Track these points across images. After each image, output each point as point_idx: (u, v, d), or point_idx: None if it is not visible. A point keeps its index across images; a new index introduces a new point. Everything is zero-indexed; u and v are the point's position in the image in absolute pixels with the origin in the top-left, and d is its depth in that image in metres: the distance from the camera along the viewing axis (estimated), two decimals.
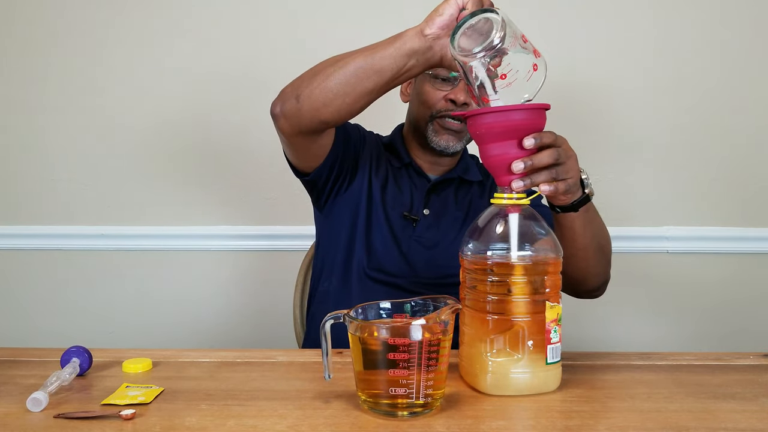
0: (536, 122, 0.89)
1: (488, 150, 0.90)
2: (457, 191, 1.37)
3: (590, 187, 1.00)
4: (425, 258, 1.29)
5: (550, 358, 0.85)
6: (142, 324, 1.90)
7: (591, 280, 1.13)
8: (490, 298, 0.85)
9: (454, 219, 1.32)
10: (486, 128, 0.88)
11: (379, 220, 1.30)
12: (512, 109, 0.88)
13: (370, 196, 1.31)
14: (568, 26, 1.81)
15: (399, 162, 1.36)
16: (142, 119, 1.87)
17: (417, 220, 1.30)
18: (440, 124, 1.29)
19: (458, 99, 1.26)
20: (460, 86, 1.27)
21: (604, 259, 1.13)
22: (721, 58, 1.81)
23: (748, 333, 1.84)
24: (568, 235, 1.03)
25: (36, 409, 0.82)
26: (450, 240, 1.30)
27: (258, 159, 1.86)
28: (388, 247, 1.29)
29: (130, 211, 1.89)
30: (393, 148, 1.38)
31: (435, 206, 1.33)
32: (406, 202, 1.32)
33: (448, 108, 1.27)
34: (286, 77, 1.13)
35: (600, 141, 1.82)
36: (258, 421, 0.79)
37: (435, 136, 1.30)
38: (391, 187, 1.33)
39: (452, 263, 1.27)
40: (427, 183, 1.35)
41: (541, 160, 0.89)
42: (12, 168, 1.89)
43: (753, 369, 0.98)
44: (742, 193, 1.83)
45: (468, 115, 0.90)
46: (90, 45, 1.85)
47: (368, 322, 0.83)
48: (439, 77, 1.27)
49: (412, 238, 1.30)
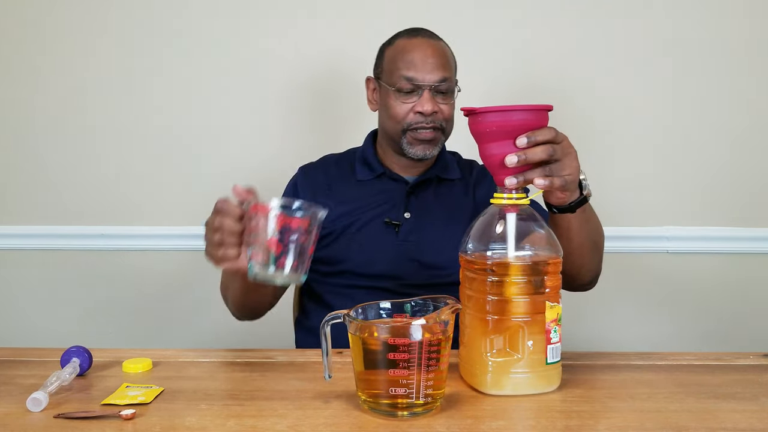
0: (537, 123, 0.89)
1: (487, 149, 0.90)
2: (437, 190, 1.36)
3: (588, 189, 1.00)
4: (412, 261, 1.29)
5: (550, 358, 0.85)
6: (142, 324, 1.90)
7: (585, 275, 1.14)
8: (490, 298, 0.85)
9: (436, 219, 1.32)
10: (485, 127, 0.88)
11: (361, 232, 1.31)
12: (513, 110, 0.88)
13: (345, 215, 1.32)
14: (568, 26, 1.81)
15: (372, 174, 1.37)
16: (142, 119, 1.87)
17: (399, 224, 1.30)
18: (413, 137, 1.29)
19: (426, 110, 1.26)
20: (425, 96, 1.26)
21: (598, 255, 1.14)
22: (722, 58, 1.80)
23: (748, 333, 1.84)
24: (564, 235, 1.03)
25: (36, 409, 0.82)
26: (435, 241, 1.30)
27: (259, 159, 1.86)
28: (374, 255, 1.29)
29: (130, 211, 1.89)
30: (365, 161, 1.39)
31: (416, 209, 1.33)
32: (386, 209, 1.33)
33: (418, 120, 1.27)
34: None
35: (600, 141, 1.82)
36: (258, 421, 0.79)
37: (411, 148, 1.30)
38: (366, 198, 1.34)
39: (439, 264, 1.28)
40: (405, 186, 1.35)
41: (534, 155, 0.88)
42: (12, 168, 1.89)
43: (753, 369, 0.98)
44: (742, 193, 1.83)
45: (468, 114, 0.90)
46: (89, 45, 1.85)
47: (368, 322, 0.83)
48: (403, 90, 1.27)
49: (396, 243, 1.30)
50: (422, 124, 1.27)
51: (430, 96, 1.26)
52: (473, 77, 1.46)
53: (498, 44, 1.83)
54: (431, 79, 1.26)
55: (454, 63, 1.33)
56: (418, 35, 1.31)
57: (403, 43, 1.30)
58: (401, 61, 1.28)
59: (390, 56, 1.31)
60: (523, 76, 1.82)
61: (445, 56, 1.30)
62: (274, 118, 1.86)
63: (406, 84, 1.27)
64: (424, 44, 1.29)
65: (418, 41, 1.29)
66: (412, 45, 1.29)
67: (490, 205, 0.90)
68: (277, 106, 1.86)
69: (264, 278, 0.89)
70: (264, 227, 0.88)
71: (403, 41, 1.31)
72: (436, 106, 1.27)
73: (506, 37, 1.82)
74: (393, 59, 1.30)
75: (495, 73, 1.82)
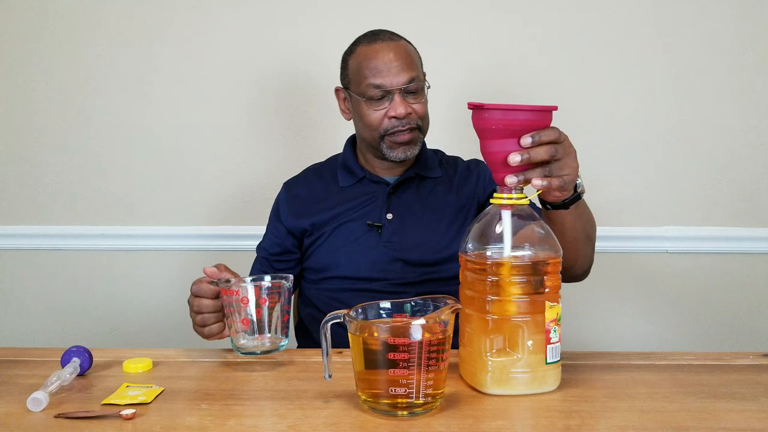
0: (542, 124, 0.89)
1: (489, 146, 0.90)
2: (419, 189, 1.36)
3: (582, 186, 1.01)
4: (397, 261, 1.30)
5: (550, 357, 0.86)
6: (142, 324, 1.90)
7: (578, 267, 1.15)
8: (490, 298, 0.85)
9: (419, 218, 1.33)
10: (491, 124, 0.88)
11: (345, 237, 1.32)
12: (519, 109, 0.88)
13: (329, 222, 1.33)
14: (569, 26, 1.81)
15: (354, 178, 1.37)
16: (141, 119, 1.87)
17: (381, 226, 1.31)
18: (392, 140, 1.29)
19: (399, 114, 1.26)
20: (396, 100, 1.26)
21: (590, 247, 1.14)
22: (722, 58, 1.80)
23: (748, 333, 1.84)
24: (557, 230, 1.03)
25: (36, 409, 0.82)
26: (419, 239, 1.31)
27: (260, 159, 1.86)
28: (359, 259, 1.30)
29: (131, 211, 1.89)
30: (346, 167, 1.39)
31: (398, 209, 1.33)
32: (368, 212, 1.33)
33: (394, 125, 1.28)
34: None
35: (600, 141, 1.82)
36: (258, 421, 0.79)
37: (391, 152, 1.30)
38: (349, 202, 1.34)
39: (425, 261, 1.29)
40: (386, 187, 1.35)
41: (537, 155, 0.88)
42: (12, 168, 1.89)
43: (753, 369, 0.98)
44: (742, 193, 1.83)
45: (474, 108, 0.90)
46: (89, 44, 1.85)
47: (368, 322, 0.83)
48: (373, 98, 1.27)
49: (380, 244, 1.30)
50: (398, 127, 1.28)
51: (401, 99, 1.26)
52: (473, 76, 1.46)
53: (500, 43, 1.83)
54: (399, 82, 1.26)
55: (419, 59, 1.33)
56: (377, 39, 1.29)
57: (365, 50, 1.29)
58: (366, 70, 1.27)
59: (354, 66, 1.31)
60: (524, 76, 1.82)
61: (409, 56, 1.29)
62: (275, 117, 1.86)
63: (375, 92, 1.26)
64: (386, 48, 1.28)
65: (379, 46, 1.28)
66: (374, 51, 1.28)
67: (490, 205, 0.90)
68: (278, 106, 1.86)
69: (246, 351, 0.99)
70: (237, 306, 0.98)
71: (364, 48, 1.30)
72: (409, 107, 1.27)
73: (505, 38, 1.82)
74: (358, 68, 1.29)
75: (494, 71, 1.83)
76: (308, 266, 1.37)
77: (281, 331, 1.00)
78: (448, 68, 1.79)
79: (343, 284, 1.31)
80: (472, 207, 1.36)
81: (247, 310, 0.98)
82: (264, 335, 0.99)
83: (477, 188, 1.37)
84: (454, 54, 1.81)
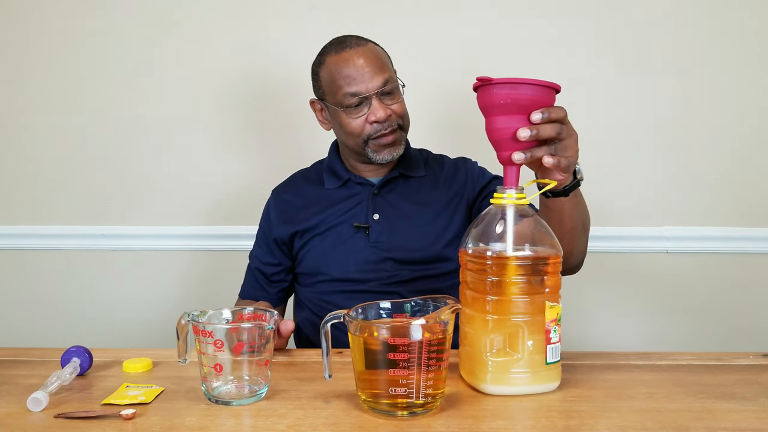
0: (546, 101, 0.89)
1: (494, 122, 0.90)
2: (405, 188, 1.37)
3: (581, 173, 1.00)
4: (386, 261, 1.30)
5: (550, 357, 0.86)
6: (142, 324, 1.90)
7: (574, 258, 1.15)
8: (490, 298, 0.85)
9: (405, 216, 1.33)
10: (498, 99, 0.88)
11: (333, 240, 1.32)
12: (524, 83, 0.88)
13: (318, 225, 1.34)
14: (569, 26, 1.81)
15: (339, 181, 1.38)
16: (141, 119, 1.87)
17: (368, 227, 1.31)
18: (376, 144, 1.29)
19: (380, 117, 1.26)
20: (374, 105, 1.26)
21: (585, 237, 1.15)
22: (722, 58, 1.80)
23: (748, 333, 1.84)
24: (556, 219, 1.03)
25: (36, 409, 0.82)
26: (406, 238, 1.31)
27: (260, 159, 1.86)
28: (348, 261, 1.30)
29: (131, 211, 1.89)
30: (331, 170, 1.40)
31: (383, 209, 1.33)
32: (354, 214, 1.34)
33: (376, 129, 1.28)
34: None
35: (600, 141, 1.82)
36: (258, 421, 0.79)
37: (377, 155, 1.30)
38: (335, 206, 1.35)
39: (414, 259, 1.29)
40: (371, 188, 1.36)
41: (545, 131, 0.89)
42: (11, 168, 1.89)
43: (753, 369, 0.98)
44: (742, 193, 1.83)
45: (478, 86, 0.90)
46: (89, 44, 1.85)
47: (368, 322, 0.83)
48: (351, 106, 1.27)
49: (368, 245, 1.31)
50: (381, 131, 1.28)
51: (379, 103, 1.26)
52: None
53: (495, 42, 1.83)
54: (374, 86, 1.26)
55: (388, 58, 1.33)
56: (345, 47, 1.29)
57: (334, 59, 1.28)
58: (340, 79, 1.27)
59: (326, 76, 1.30)
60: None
61: (379, 58, 1.29)
62: (275, 117, 1.86)
63: (352, 100, 1.26)
64: (355, 54, 1.27)
65: (348, 53, 1.27)
66: (344, 59, 1.27)
67: (490, 205, 0.90)
68: (278, 105, 1.86)
69: (223, 400, 0.85)
70: (212, 352, 0.85)
71: (333, 57, 1.29)
72: (388, 109, 1.27)
73: (506, 36, 1.82)
74: (330, 79, 1.29)
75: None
76: (300, 271, 1.37)
77: (263, 377, 0.87)
78: (427, 67, 1.80)
79: (334, 286, 1.31)
80: (461, 203, 1.35)
81: (219, 357, 0.85)
82: (244, 384, 0.87)
83: (466, 185, 1.37)
84: (433, 52, 1.81)
